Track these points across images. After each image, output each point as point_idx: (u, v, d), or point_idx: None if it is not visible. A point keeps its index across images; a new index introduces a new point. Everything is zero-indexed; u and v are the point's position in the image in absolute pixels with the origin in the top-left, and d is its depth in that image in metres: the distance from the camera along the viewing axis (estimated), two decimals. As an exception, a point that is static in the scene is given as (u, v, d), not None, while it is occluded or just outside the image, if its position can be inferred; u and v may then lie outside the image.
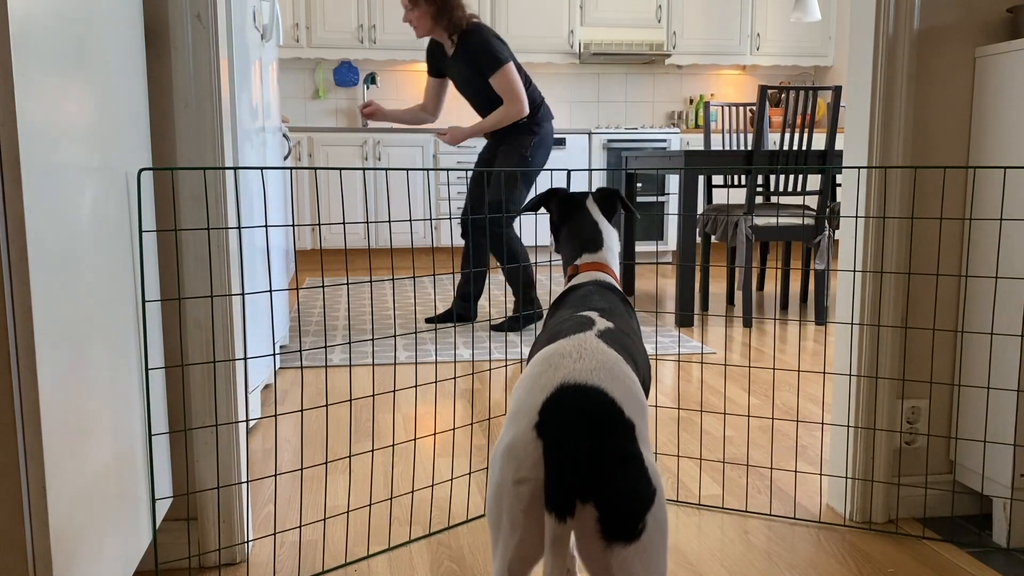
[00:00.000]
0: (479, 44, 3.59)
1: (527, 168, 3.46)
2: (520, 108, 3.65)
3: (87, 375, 1.14)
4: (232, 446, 1.67)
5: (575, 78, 6.89)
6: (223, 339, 1.64)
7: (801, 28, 6.77)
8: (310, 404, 2.82)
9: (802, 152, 3.96)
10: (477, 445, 2.41)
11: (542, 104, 3.83)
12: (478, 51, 3.60)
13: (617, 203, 1.60)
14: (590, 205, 1.58)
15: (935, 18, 1.83)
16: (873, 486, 1.90)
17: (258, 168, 1.77)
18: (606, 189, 1.61)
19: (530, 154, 3.79)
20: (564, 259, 1.56)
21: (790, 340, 3.83)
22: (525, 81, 3.78)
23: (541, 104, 3.83)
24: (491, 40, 3.61)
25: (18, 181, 0.93)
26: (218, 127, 1.59)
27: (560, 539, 0.92)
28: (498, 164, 3.83)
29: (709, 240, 4.41)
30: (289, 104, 6.54)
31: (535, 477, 0.96)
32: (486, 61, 3.59)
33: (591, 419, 0.96)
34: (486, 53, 3.58)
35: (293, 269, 4.04)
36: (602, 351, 1.06)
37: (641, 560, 0.95)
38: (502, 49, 3.62)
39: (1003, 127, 1.77)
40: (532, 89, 3.81)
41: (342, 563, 1.72)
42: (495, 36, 3.67)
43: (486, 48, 3.58)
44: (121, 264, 1.32)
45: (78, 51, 1.14)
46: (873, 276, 1.86)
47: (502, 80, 3.61)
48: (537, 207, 1.61)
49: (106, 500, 1.21)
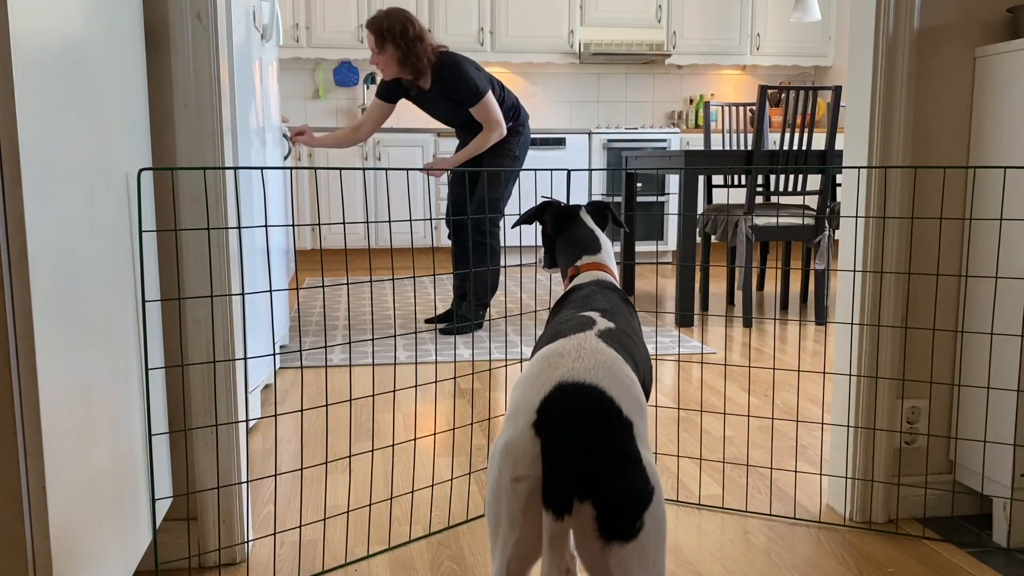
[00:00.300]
0: (458, 79, 3.68)
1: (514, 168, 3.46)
2: (501, 132, 3.77)
3: (87, 375, 1.14)
4: (232, 446, 1.67)
5: (575, 78, 6.89)
6: (223, 339, 1.64)
7: (801, 28, 6.77)
8: (310, 404, 2.82)
9: (802, 152, 3.96)
10: (477, 445, 2.41)
11: (519, 106, 3.94)
12: (459, 86, 3.69)
13: (608, 215, 1.63)
14: (583, 216, 1.61)
15: (935, 18, 1.83)
16: (873, 486, 1.90)
17: (258, 168, 1.77)
18: (598, 202, 1.65)
19: (518, 153, 3.91)
20: (563, 265, 1.58)
21: (790, 340, 3.83)
22: (500, 89, 3.87)
23: (519, 106, 3.93)
24: (467, 72, 3.68)
25: (18, 181, 0.93)
26: (218, 127, 1.59)
27: (558, 537, 0.92)
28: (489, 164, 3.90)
29: (709, 240, 4.41)
30: (289, 104, 6.55)
31: (533, 475, 0.96)
32: (466, 95, 3.69)
33: (589, 417, 0.96)
34: (466, 87, 3.67)
35: (293, 269, 4.04)
36: (601, 350, 1.06)
37: (639, 559, 0.95)
38: (478, 78, 3.71)
39: (1003, 127, 1.77)
40: (506, 94, 3.90)
41: (342, 563, 1.72)
42: (469, 64, 3.73)
43: (465, 82, 3.67)
44: (121, 264, 1.32)
45: (78, 51, 1.14)
46: (873, 276, 1.86)
47: (482, 110, 3.72)
48: (532, 220, 1.63)
49: (106, 500, 1.21)
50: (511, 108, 3.89)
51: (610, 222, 1.64)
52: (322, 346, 3.56)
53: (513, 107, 3.90)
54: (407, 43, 3.59)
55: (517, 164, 3.91)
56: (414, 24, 3.62)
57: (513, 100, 3.92)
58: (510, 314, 4.37)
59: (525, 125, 3.94)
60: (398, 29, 3.58)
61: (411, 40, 3.59)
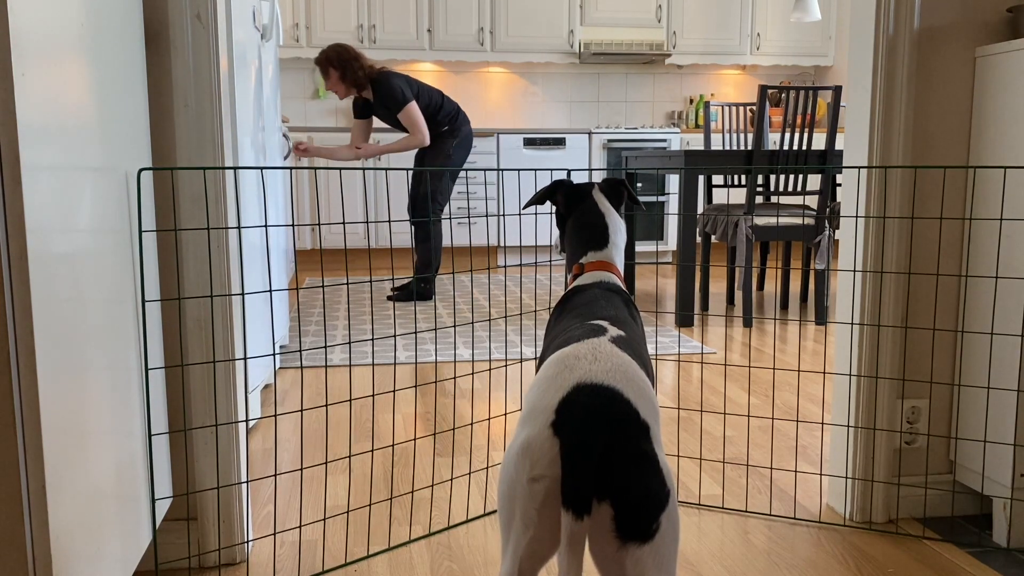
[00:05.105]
0: (387, 91, 4.55)
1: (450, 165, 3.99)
2: (422, 138, 4.63)
3: (87, 375, 1.14)
4: (232, 446, 1.67)
5: (575, 78, 6.89)
6: (223, 339, 1.64)
7: (801, 28, 6.77)
8: (310, 404, 2.82)
9: (802, 152, 3.96)
10: (477, 445, 2.41)
11: (459, 111, 4.77)
12: (388, 97, 4.56)
13: (624, 193, 1.59)
14: (597, 196, 1.55)
15: (935, 18, 1.83)
16: (873, 486, 1.90)
17: (258, 168, 1.77)
18: (612, 179, 1.59)
19: (452, 152, 4.75)
20: (568, 255, 1.54)
21: (790, 340, 3.83)
22: (440, 98, 4.71)
23: (458, 111, 4.77)
24: (395, 86, 4.55)
25: (18, 181, 0.93)
26: (218, 127, 1.59)
27: (577, 537, 0.92)
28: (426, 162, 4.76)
29: (709, 240, 4.41)
30: (289, 104, 6.54)
31: (551, 475, 0.96)
32: (393, 103, 4.58)
33: (607, 418, 0.97)
34: (393, 98, 4.56)
35: (293, 269, 4.04)
36: (616, 354, 1.06)
37: (654, 560, 0.95)
38: (404, 90, 4.57)
39: (1003, 127, 1.77)
40: (447, 101, 4.73)
41: (342, 563, 1.72)
42: (399, 79, 4.59)
43: (392, 93, 4.55)
44: (121, 264, 1.32)
45: (78, 51, 1.14)
46: (873, 276, 1.86)
47: (405, 117, 4.61)
48: (543, 200, 1.58)
49: (106, 500, 1.21)
50: (449, 113, 4.73)
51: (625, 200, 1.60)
52: (322, 346, 3.56)
53: (452, 112, 4.75)
54: (342, 64, 4.50)
55: (451, 162, 4.77)
56: (348, 51, 4.53)
57: (453, 107, 4.77)
58: (510, 314, 4.37)
59: (461, 129, 4.77)
60: (334, 56, 4.52)
61: (346, 61, 4.50)
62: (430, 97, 4.70)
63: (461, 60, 6.43)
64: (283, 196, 3.44)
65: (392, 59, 6.38)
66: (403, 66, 6.61)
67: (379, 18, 6.25)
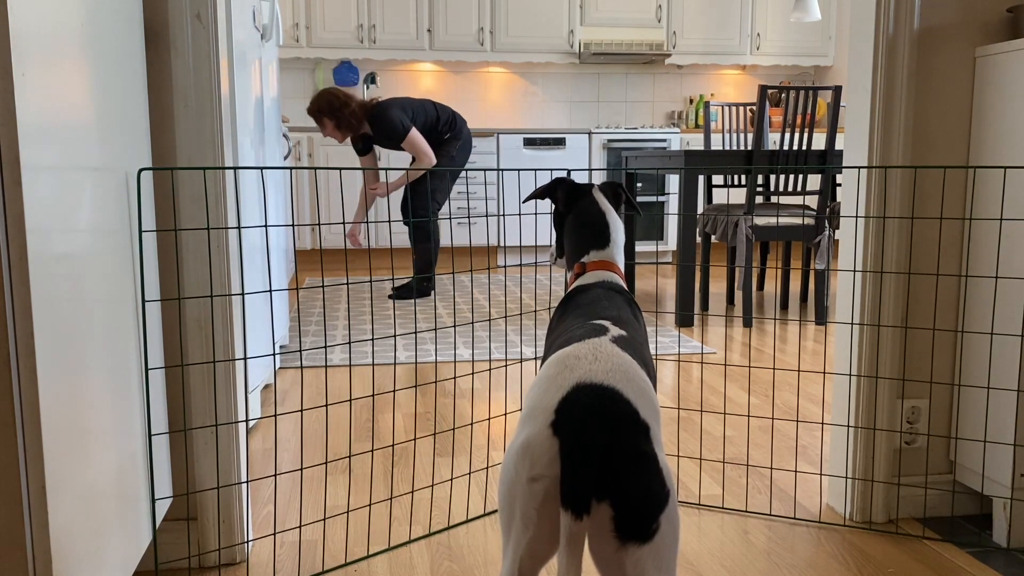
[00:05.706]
0: (386, 125, 4.57)
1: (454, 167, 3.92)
2: (428, 161, 4.64)
3: (87, 375, 1.14)
4: (232, 446, 1.67)
5: (575, 78, 6.89)
6: (223, 339, 1.64)
7: (801, 28, 6.77)
8: (310, 404, 2.82)
9: (802, 152, 3.96)
10: (477, 445, 2.41)
11: (454, 115, 4.84)
12: (388, 130, 4.58)
13: (622, 196, 1.59)
14: (596, 195, 1.55)
15: (935, 18, 1.83)
16: (873, 486, 1.90)
17: (258, 168, 1.77)
18: (610, 183, 1.59)
19: (455, 153, 4.83)
20: (568, 254, 1.53)
21: (790, 340, 3.83)
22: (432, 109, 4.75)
23: (454, 116, 4.83)
24: (392, 119, 4.57)
25: (18, 181, 0.93)
26: (218, 127, 1.59)
27: (576, 537, 0.92)
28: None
29: (709, 240, 4.41)
30: (289, 104, 6.54)
31: (550, 475, 0.96)
32: (395, 135, 4.61)
33: (608, 418, 0.97)
34: (393, 130, 4.58)
35: (293, 269, 4.04)
36: (617, 354, 1.06)
37: (654, 561, 0.95)
38: (403, 120, 4.59)
39: (1003, 127, 1.77)
40: (440, 109, 4.79)
41: (342, 563, 1.72)
42: (394, 110, 4.59)
43: (392, 127, 4.57)
44: (121, 264, 1.32)
45: (78, 51, 1.14)
46: (873, 276, 1.86)
47: (409, 145, 4.63)
48: (543, 196, 1.58)
49: (106, 500, 1.21)
50: (447, 121, 4.79)
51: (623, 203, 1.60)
52: (322, 346, 3.56)
53: (449, 119, 4.81)
54: (334, 113, 4.53)
55: (454, 163, 4.85)
56: (337, 96, 4.53)
57: (448, 113, 4.82)
58: (510, 314, 4.37)
59: (462, 131, 4.84)
60: (325, 107, 4.53)
61: (337, 109, 4.52)
62: (425, 113, 4.76)
63: (461, 60, 6.43)
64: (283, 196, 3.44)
65: (392, 59, 6.38)
66: (403, 66, 6.61)
67: (379, 18, 6.25)
